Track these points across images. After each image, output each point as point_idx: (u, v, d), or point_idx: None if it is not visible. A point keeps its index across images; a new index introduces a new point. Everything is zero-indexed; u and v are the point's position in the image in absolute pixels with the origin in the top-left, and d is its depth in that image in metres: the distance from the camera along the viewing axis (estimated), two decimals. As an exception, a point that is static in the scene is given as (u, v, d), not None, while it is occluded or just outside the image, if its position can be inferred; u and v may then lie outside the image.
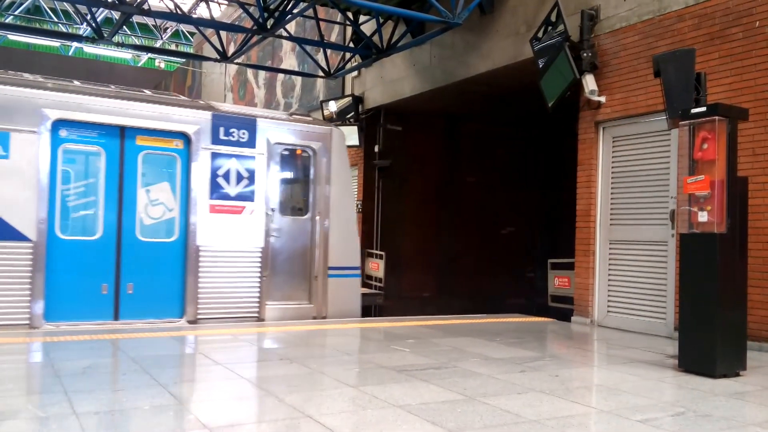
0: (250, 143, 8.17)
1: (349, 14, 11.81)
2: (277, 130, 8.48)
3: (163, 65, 26.73)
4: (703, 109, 5.30)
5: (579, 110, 8.41)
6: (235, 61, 12.65)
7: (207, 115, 7.97)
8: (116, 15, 12.06)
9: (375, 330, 7.41)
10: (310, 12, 11.14)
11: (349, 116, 13.24)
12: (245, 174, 8.14)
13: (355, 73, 13.36)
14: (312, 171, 8.76)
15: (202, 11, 17.19)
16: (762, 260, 6.29)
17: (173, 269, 7.70)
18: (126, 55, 27.80)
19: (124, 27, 17.90)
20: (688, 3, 7.14)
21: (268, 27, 10.57)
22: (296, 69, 15.83)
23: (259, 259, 8.15)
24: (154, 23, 22.00)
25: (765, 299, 6.28)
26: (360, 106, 13.28)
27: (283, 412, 3.86)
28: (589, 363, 6.24)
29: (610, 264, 8.09)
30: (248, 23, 11.56)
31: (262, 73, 18.45)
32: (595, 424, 3.88)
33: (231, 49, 13.17)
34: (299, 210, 8.82)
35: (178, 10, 12.57)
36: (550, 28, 8.39)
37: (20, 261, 6.81)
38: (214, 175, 7.91)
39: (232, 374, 4.92)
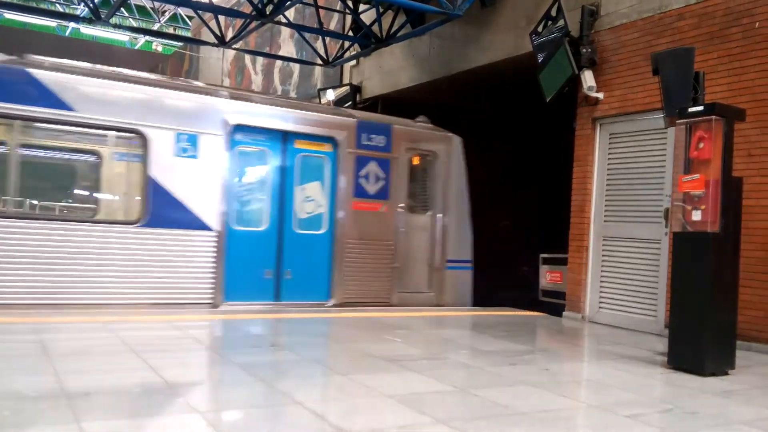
0: (387, 147, 9.14)
1: (349, 2, 11.75)
2: (409, 136, 9.43)
3: (160, 48, 26.54)
4: (701, 108, 5.30)
5: (577, 106, 8.41)
6: (233, 46, 12.59)
7: (353, 122, 8.97)
8: (114, -4, 11.96)
9: (367, 320, 7.42)
10: (309, -1, 11.10)
11: (346, 105, 13.20)
12: (382, 175, 9.08)
13: (354, 62, 13.31)
14: (434, 172, 9.67)
15: (201, -5, 17.05)
16: (754, 261, 6.32)
17: (322, 258, 8.67)
18: (123, 37, 27.56)
19: (122, 8, 17.76)
20: (689, 2, 7.14)
21: (267, 13, 10.52)
22: (294, 56, 15.76)
23: (392, 252, 9.06)
24: (152, 6, 21.83)
25: (756, 299, 6.32)
26: (358, 96, 13.23)
27: (274, 398, 3.87)
28: (579, 358, 6.28)
29: (602, 260, 8.11)
30: (247, 8, 11.48)
31: (260, 60, 18.36)
32: (583, 418, 3.90)
33: (229, 34, 13.09)
34: (423, 207, 9.68)
35: (176, -7, 12.46)
36: (550, 22, 8.38)
37: (207, 248, 7.77)
38: (356, 176, 8.89)
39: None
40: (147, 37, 24.58)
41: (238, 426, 3.40)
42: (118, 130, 7.51)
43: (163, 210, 7.54)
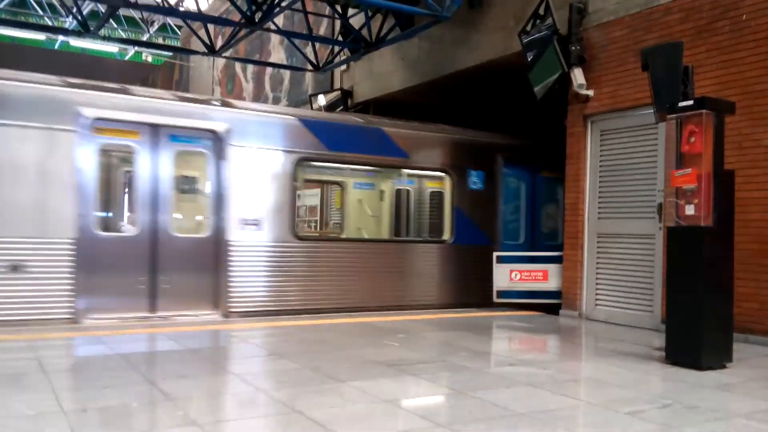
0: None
1: (338, 7, 11.75)
2: None
3: (150, 59, 26.53)
4: (691, 102, 5.32)
5: (568, 104, 8.43)
6: (223, 54, 12.57)
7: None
8: (102, 8, 11.95)
9: (364, 325, 7.41)
10: (298, 5, 11.07)
11: (338, 110, 13.20)
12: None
13: (344, 66, 13.31)
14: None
15: (189, 4, 17.06)
16: (748, 253, 6.34)
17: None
18: (113, 48, 27.51)
19: (111, 20, 17.74)
20: (676, -4, 7.17)
21: (256, 20, 10.50)
22: (285, 63, 15.76)
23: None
24: (140, 16, 21.81)
25: (751, 291, 6.33)
26: (349, 100, 13.23)
27: (274, 407, 3.86)
28: (577, 356, 6.28)
29: (598, 257, 8.12)
30: (236, 16, 11.48)
31: (250, 67, 18.35)
32: (583, 417, 3.90)
33: (219, 43, 13.06)
34: None
35: (165, 3, 12.44)
36: (538, 21, 8.39)
37: (490, 258, 9.30)
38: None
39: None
40: (137, 48, 24.58)
41: (237, 436, 3.39)
42: (434, 170, 9.87)
43: (463, 231, 9.67)
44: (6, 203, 6.76)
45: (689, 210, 5.23)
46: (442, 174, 9.87)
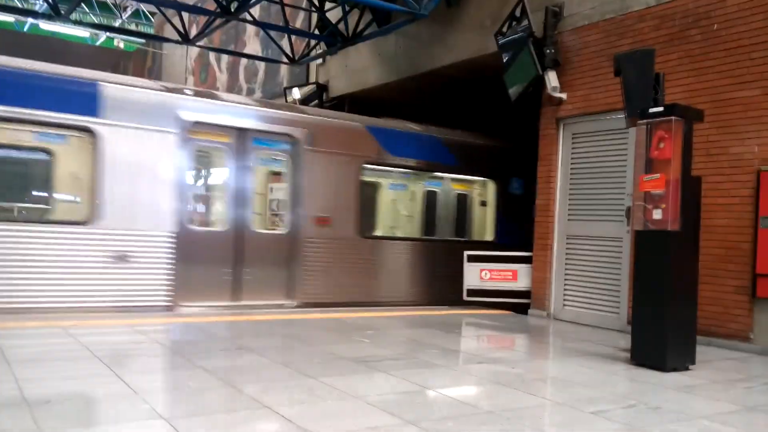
0: None
1: (315, 0, 11.69)
2: None
3: (122, 45, 26.11)
4: (661, 109, 5.41)
5: (541, 106, 8.51)
6: (197, 43, 12.42)
7: None
8: (74, -8, 11.69)
9: (335, 321, 7.41)
10: (275, -3, 11.01)
11: (312, 104, 13.14)
12: None
13: (320, 60, 13.25)
14: None
15: (163, -9, 16.77)
16: (712, 258, 6.49)
17: None
18: (84, 33, 27.02)
19: (82, 4, 17.40)
20: (649, 3, 7.27)
21: (232, 10, 10.41)
22: (260, 54, 15.62)
23: None
24: (113, 1, 21.45)
25: (714, 295, 6.48)
26: (324, 95, 13.18)
27: (242, 402, 3.83)
28: (544, 355, 6.36)
29: (567, 258, 8.23)
30: (211, 5, 11.34)
31: (224, 57, 18.16)
32: (549, 416, 3.95)
33: (193, 32, 12.90)
34: None
35: (139, -10, 12.27)
36: (514, 23, 8.44)
37: None
38: None
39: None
40: (108, 34, 24.14)
41: None
42: (480, 176, 10.93)
43: (505, 231, 10.78)
44: (117, 198, 7.35)
45: (657, 214, 5.33)
46: (488, 180, 10.93)
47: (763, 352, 6.15)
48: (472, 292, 9.25)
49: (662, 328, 5.26)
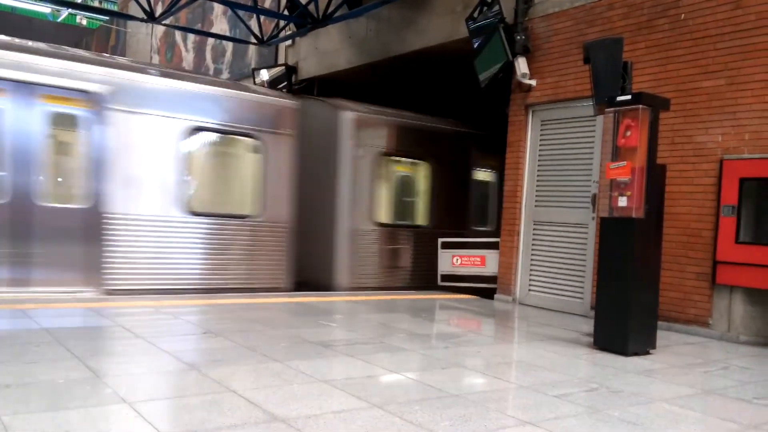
0: None
1: (285, -19, 11.52)
2: None
3: (84, 22, 25.34)
4: (628, 97, 5.47)
5: (511, 92, 8.54)
6: (163, 22, 12.15)
7: None
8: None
9: (302, 305, 7.38)
10: (244, -24, 10.81)
11: (281, 86, 12.99)
12: None
13: (289, 42, 13.09)
14: None
15: (129, -33, 16.37)
16: (675, 245, 6.62)
17: None
18: (45, 9, 26.22)
19: (43, -22, 16.86)
20: (619, -8, 7.33)
21: (200, -12, 10.18)
22: (228, 34, 15.36)
23: None
24: (76, -24, 20.80)
25: (676, 281, 6.62)
26: (294, 77, 13.04)
27: (207, 386, 3.79)
28: (509, 340, 6.43)
29: (533, 244, 8.31)
30: (178, -17, 11.10)
31: (191, 36, 17.81)
32: (513, 399, 4.00)
33: (159, 9, 12.62)
34: None
35: (102, -35, 11.93)
36: (485, 8, 8.44)
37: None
38: None
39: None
40: (70, 10, 23.48)
41: (169, 416, 3.32)
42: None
43: None
44: None
45: (622, 202, 5.40)
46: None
47: (721, 338, 6.31)
48: (445, 277, 9.37)
49: (625, 314, 5.35)
